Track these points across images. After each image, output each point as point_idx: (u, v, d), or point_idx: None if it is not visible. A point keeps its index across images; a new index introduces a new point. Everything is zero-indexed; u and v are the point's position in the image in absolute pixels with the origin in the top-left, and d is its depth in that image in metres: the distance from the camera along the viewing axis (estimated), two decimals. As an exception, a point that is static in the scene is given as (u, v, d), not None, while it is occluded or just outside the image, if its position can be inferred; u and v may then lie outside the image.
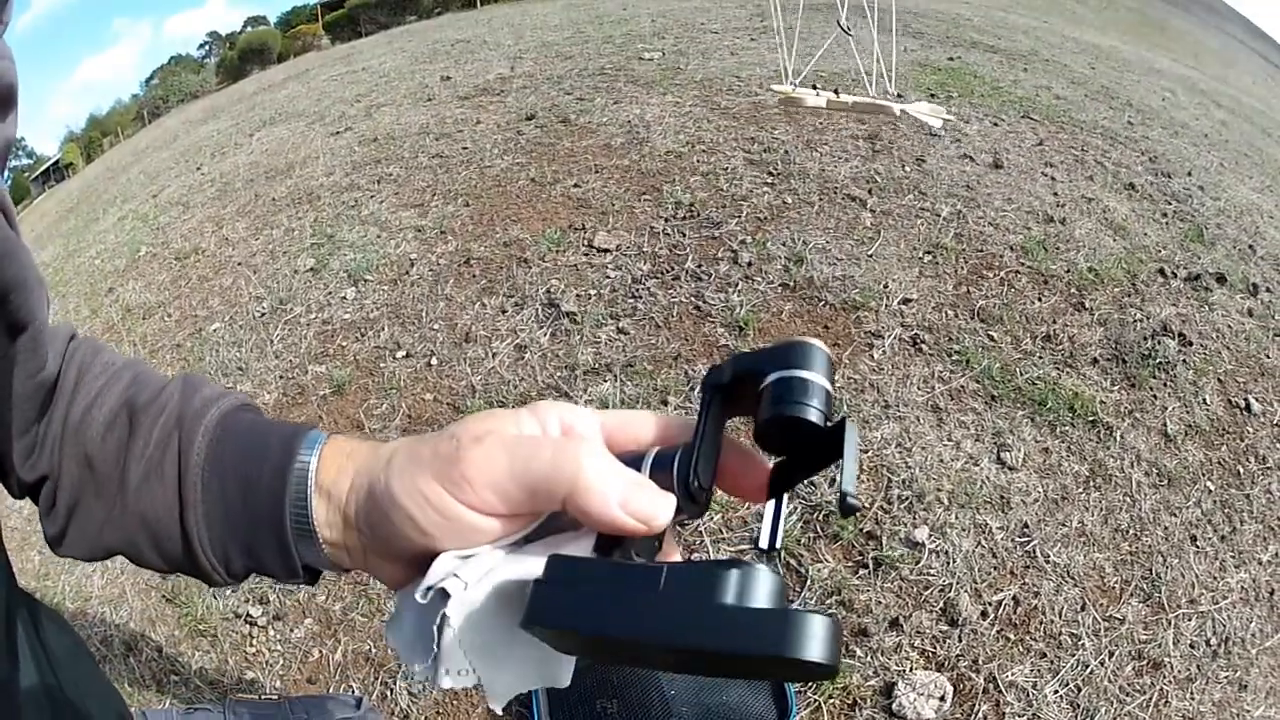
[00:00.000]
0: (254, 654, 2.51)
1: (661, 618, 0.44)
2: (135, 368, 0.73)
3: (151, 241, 5.99)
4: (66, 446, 0.67)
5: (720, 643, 0.42)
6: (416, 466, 0.54)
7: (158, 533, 0.63)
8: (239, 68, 39.74)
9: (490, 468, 0.52)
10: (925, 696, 2.15)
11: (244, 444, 0.64)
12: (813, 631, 0.41)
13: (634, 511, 0.49)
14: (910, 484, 2.71)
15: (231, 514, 0.62)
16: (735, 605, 0.43)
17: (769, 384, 0.50)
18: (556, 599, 0.49)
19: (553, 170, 5.03)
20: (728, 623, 0.42)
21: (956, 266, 3.82)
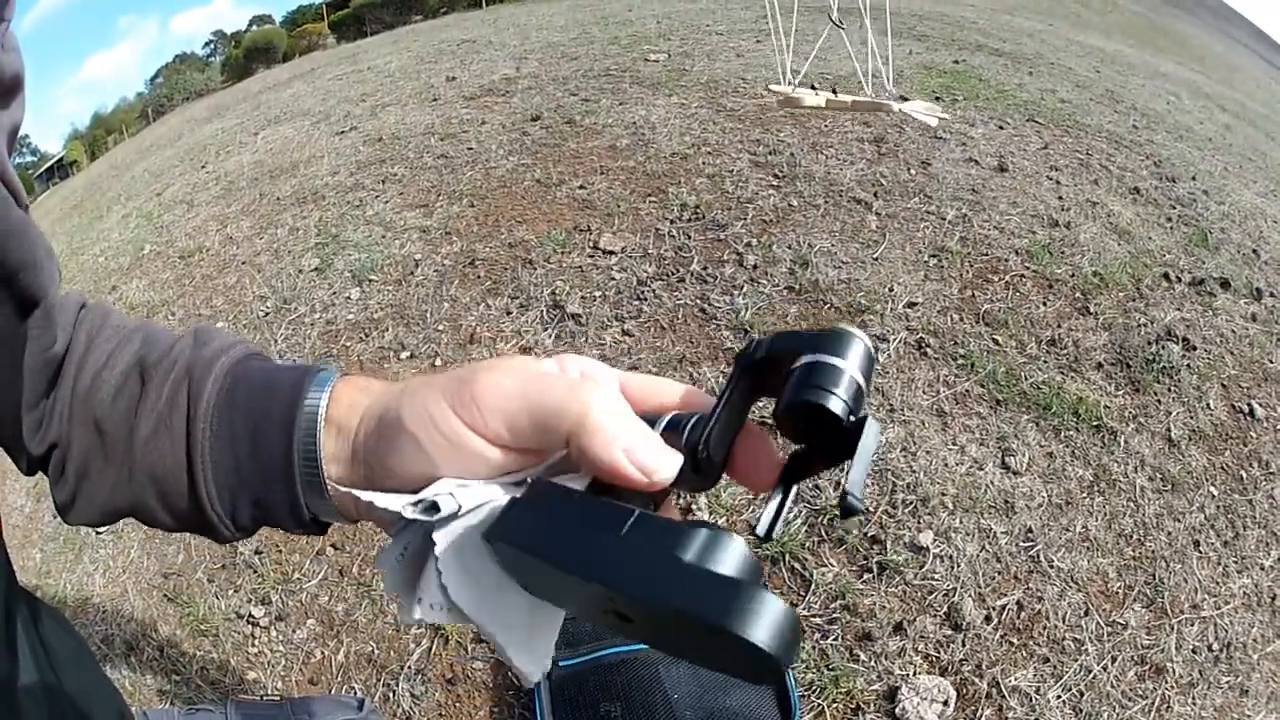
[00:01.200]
0: (256, 654, 2.51)
1: (613, 555, 0.43)
2: (146, 329, 0.72)
3: (155, 240, 5.99)
4: (76, 413, 0.67)
5: (659, 593, 0.40)
6: (428, 389, 0.53)
7: (165, 487, 0.63)
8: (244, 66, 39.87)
9: (500, 393, 0.51)
10: (928, 701, 2.15)
11: (253, 390, 0.63)
12: (765, 611, 0.38)
13: (636, 460, 0.48)
14: (915, 488, 2.71)
15: (240, 461, 0.61)
16: (692, 562, 0.41)
17: (799, 366, 0.48)
18: (522, 519, 0.48)
19: (558, 171, 5.03)
20: (676, 576, 0.41)
21: (961, 270, 3.82)
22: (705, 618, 0.38)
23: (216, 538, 0.65)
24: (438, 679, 2.33)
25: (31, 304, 0.64)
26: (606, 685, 2.09)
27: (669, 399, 0.55)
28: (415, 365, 3.48)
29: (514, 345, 3.47)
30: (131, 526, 3.10)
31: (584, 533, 0.45)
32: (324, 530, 0.65)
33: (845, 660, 2.26)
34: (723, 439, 0.51)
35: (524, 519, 0.48)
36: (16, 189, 0.62)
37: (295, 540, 2.82)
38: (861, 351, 0.48)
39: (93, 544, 3.08)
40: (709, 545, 0.41)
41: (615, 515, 0.45)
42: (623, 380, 0.56)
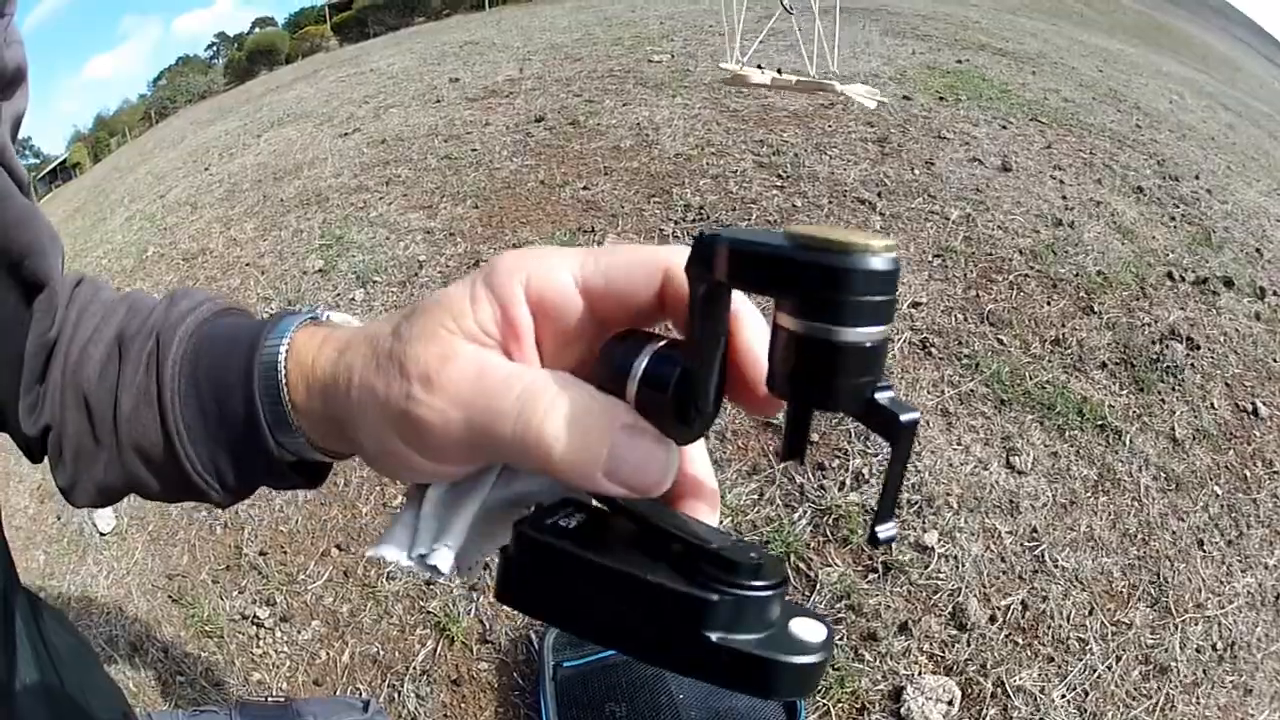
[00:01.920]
0: (261, 655, 2.52)
1: (637, 634, 0.40)
2: (131, 299, 0.71)
3: (159, 242, 6.00)
4: (67, 391, 0.66)
5: (698, 674, 0.38)
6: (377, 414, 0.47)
7: (152, 459, 0.62)
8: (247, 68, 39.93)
9: (447, 433, 0.44)
10: (933, 700, 2.15)
11: (216, 347, 0.61)
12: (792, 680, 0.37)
13: (623, 479, 0.41)
14: (920, 488, 2.71)
15: (210, 422, 0.59)
16: (720, 642, 0.37)
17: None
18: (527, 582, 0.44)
19: (562, 172, 5.03)
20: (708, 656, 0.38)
21: (965, 270, 3.81)
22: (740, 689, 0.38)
23: (213, 503, 0.64)
24: (443, 680, 2.33)
25: (36, 289, 0.64)
26: (611, 685, 2.09)
27: (644, 288, 0.44)
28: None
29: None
30: (136, 527, 3.11)
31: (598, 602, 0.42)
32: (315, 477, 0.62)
33: (850, 660, 2.26)
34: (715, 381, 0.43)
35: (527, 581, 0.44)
36: (20, 176, 0.62)
37: (300, 541, 2.82)
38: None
39: (97, 545, 3.08)
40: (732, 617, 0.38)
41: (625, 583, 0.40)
42: (581, 278, 0.44)
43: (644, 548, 0.42)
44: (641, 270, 0.44)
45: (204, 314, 0.64)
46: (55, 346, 0.67)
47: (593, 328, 0.45)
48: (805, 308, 0.36)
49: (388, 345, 0.47)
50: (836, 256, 0.34)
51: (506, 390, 0.43)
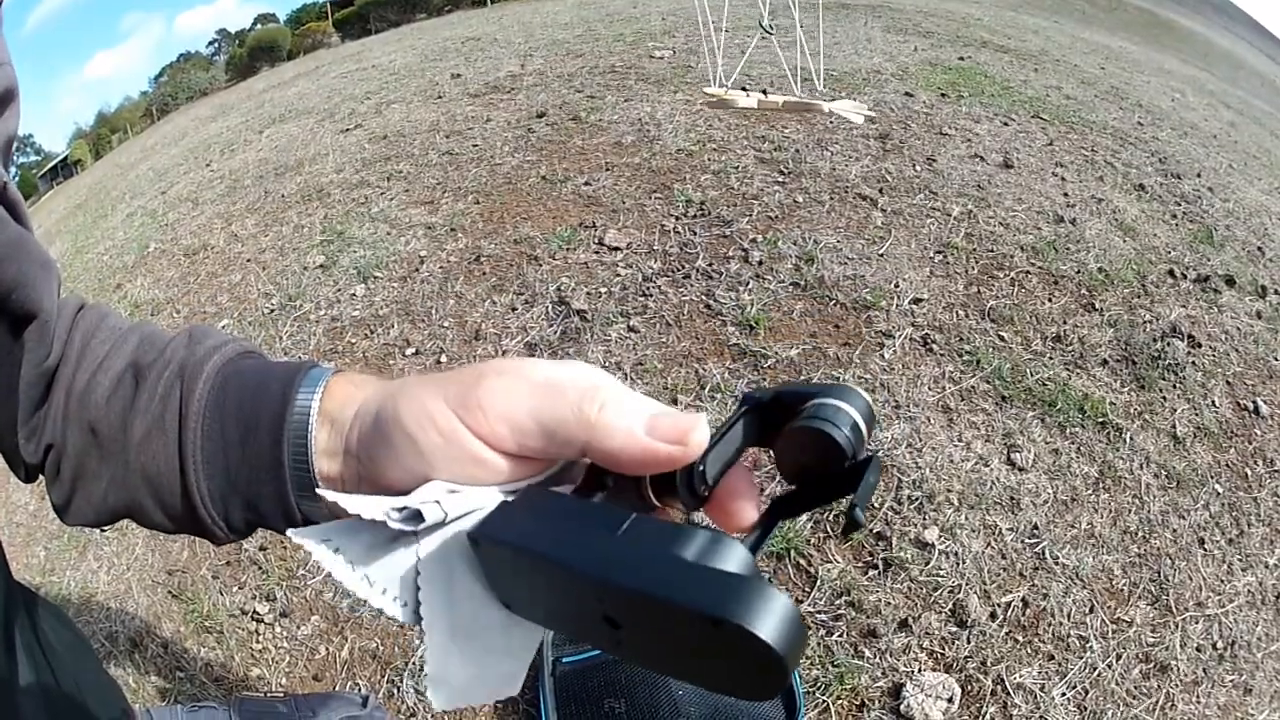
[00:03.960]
0: (260, 651, 2.52)
1: (608, 551, 0.42)
2: (142, 330, 0.71)
3: (160, 238, 6.00)
4: (71, 415, 0.66)
5: (656, 586, 0.39)
6: (429, 388, 0.51)
7: (159, 487, 0.62)
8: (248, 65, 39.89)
9: (509, 399, 0.49)
10: (933, 698, 2.15)
11: (245, 389, 0.62)
12: (769, 605, 0.37)
13: (663, 433, 0.46)
14: (920, 484, 2.71)
15: (230, 461, 0.60)
16: (692, 560, 0.40)
17: (808, 405, 0.48)
18: (511, 519, 0.47)
19: (563, 168, 5.03)
20: (674, 571, 0.39)
21: (967, 266, 3.81)
22: (704, 609, 0.37)
23: (211, 539, 0.65)
24: (442, 675, 2.33)
25: (26, 320, 0.64)
26: (610, 681, 2.09)
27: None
28: (420, 362, 3.49)
29: (519, 342, 3.47)
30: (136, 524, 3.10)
31: (578, 531, 0.44)
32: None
33: (850, 657, 2.26)
34: (718, 464, 0.50)
35: (514, 519, 0.47)
36: (14, 203, 0.62)
37: (300, 537, 2.82)
38: (864, 403, 0.48)
39: (97, 541, 3.08)
40: (709, 545, 0.40)
41: (611, 516, 0.44)
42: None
43: None
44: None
45: (229, 353, 0.66)
46: (57, 372, 0.68)
47: None
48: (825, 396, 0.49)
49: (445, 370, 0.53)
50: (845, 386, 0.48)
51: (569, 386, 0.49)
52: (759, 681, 0.39)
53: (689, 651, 0.41)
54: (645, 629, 0.42)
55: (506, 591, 0.49)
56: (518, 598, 0.49)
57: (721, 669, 0.40)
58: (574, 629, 0.50)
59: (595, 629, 0.44)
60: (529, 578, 0.46)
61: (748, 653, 0.37)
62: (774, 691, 0.39)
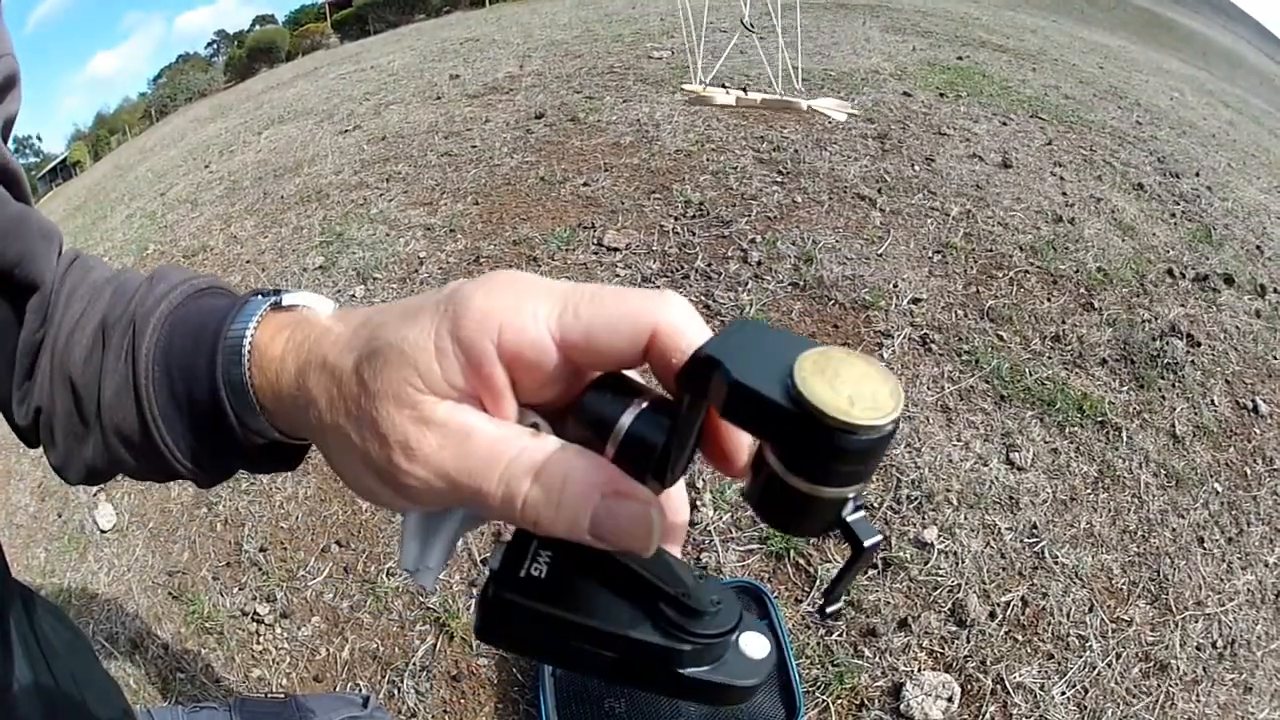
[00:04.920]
0: (261, 651, 2.52)
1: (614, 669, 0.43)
2: (116, 281, 0.70)
3: (159, 239, 6.01)
4: (55, 377, 0.66)
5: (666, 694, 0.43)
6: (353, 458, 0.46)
7: (132, 443, 0.62)
8: (247, 66, 39.90)
9: (431, 491, 0.44)
10: (933, 697, 2.15)
11: (187, 335, 0.60)
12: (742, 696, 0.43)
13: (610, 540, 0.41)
14: (919, 484, 2.71)
15: (182, 409, 0.59)
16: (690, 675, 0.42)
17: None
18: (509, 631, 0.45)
19: (562, 169, 5.03)
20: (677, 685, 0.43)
21: (966, 266, 3.81)
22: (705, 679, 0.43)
23: (198, 484, 0.64)
24: (442, 676, 2.33)
25: (28, 292, 0.64)
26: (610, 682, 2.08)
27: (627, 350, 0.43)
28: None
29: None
30: (136, 524, 3.11)
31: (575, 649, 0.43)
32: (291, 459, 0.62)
33: (850, 656, 2.26)
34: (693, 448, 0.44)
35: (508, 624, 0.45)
36: (16, 178, 0.62)
37: (300, 538, 2.82)
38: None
39: (97, 542, 3.08)
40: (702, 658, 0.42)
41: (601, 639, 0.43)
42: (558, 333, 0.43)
43: (614, 587, 0.43)
44: (627, 327, 0.42)
45: (176, 299, 0.64)
46: (44, 335, 0.67)
47: (569, 373, 0.44)
48: (791, 461, 0.37)
49: (353, 390, 0.46)
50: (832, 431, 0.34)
51: (492, 461, 0.42)
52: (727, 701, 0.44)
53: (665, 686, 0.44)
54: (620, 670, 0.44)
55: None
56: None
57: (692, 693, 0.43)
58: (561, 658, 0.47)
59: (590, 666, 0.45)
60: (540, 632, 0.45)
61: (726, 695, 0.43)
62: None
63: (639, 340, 0.42)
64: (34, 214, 0.63)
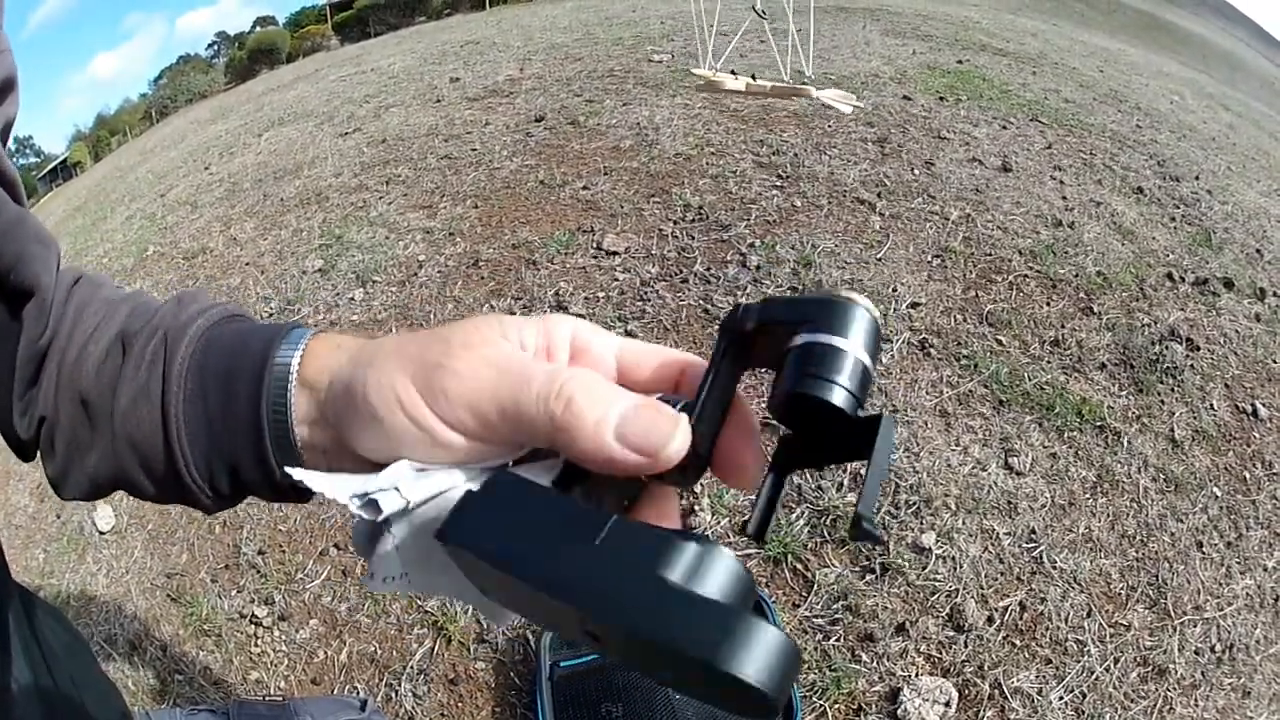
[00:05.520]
0: (259, 654, 2.52)
1: (584, 571, 0.38)
2: (134, 299, 0.70)
3: (159, 241, 6.01)
4: (63, 387, 0.66)
5: (635, 620, 0.36)
6: (398, 363, 0.50)
7: (145, 455, 0.62)
8: (248, 68, 39.91)
9: (473, 385, 0.47)
10: (930, 702, 2.15)
11: (225, 351, 0.61)
12: (759, 643, 0.34)
13: (633, 441, 0.43)
14: (918, 489, 2.71)
15: (213, 424, 0.60)
16: (677, 584, 0.36)
17: (796, 346, 0.43)
18: (479, 519, 0.43)
19: (562, 172, 5.03)
20: (655, 600, 0.36)
21: (965, 270, 3.81)
22: (688, 651, 0.34)
23: (198, 506, 0.64)
24: (440, 679, 2.33)
25: (24, 297, 0.64)
26: (607, 685, 2.09)
27: (666, 371, 0.51)
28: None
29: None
30: (135, 526, 3.11)
31: (551, 541, 0.40)
32: (305, 498, 0.61)
33: (847, 661, 2.26)
34: (710, 429, 0.46)
35: (481, 519, 0.43)
36: (12, 182, 0.62)
37: (298, 540, 2.82)
38: (867, 325, 0.43)
39: (96, 544, 3.08)
40: (695, 563, 0.37)
41: (587, 520, 0.40)
42: (618, 349, 0.53)
43: None
44: (669, 362, 0.52)
45: (214, 316, 0.65)
46: (50, 346, 0.67)
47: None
48: (816, 327, 0.43)
49: (426, 331, 0.51)
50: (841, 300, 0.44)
51: (536, 364, 0.48)
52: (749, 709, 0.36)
53: (677, 672, 0.38)
54: (629, 647, 0.39)
55: (482, 584, 0.46)
56: (495, 595, 0.47)
57: (713, 690, 0.37)
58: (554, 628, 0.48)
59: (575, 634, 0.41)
60: (502, 584, 0.43)
61: (735, 690, 0.34)
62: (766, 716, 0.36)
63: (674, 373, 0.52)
64: (31, 218, 0.63)
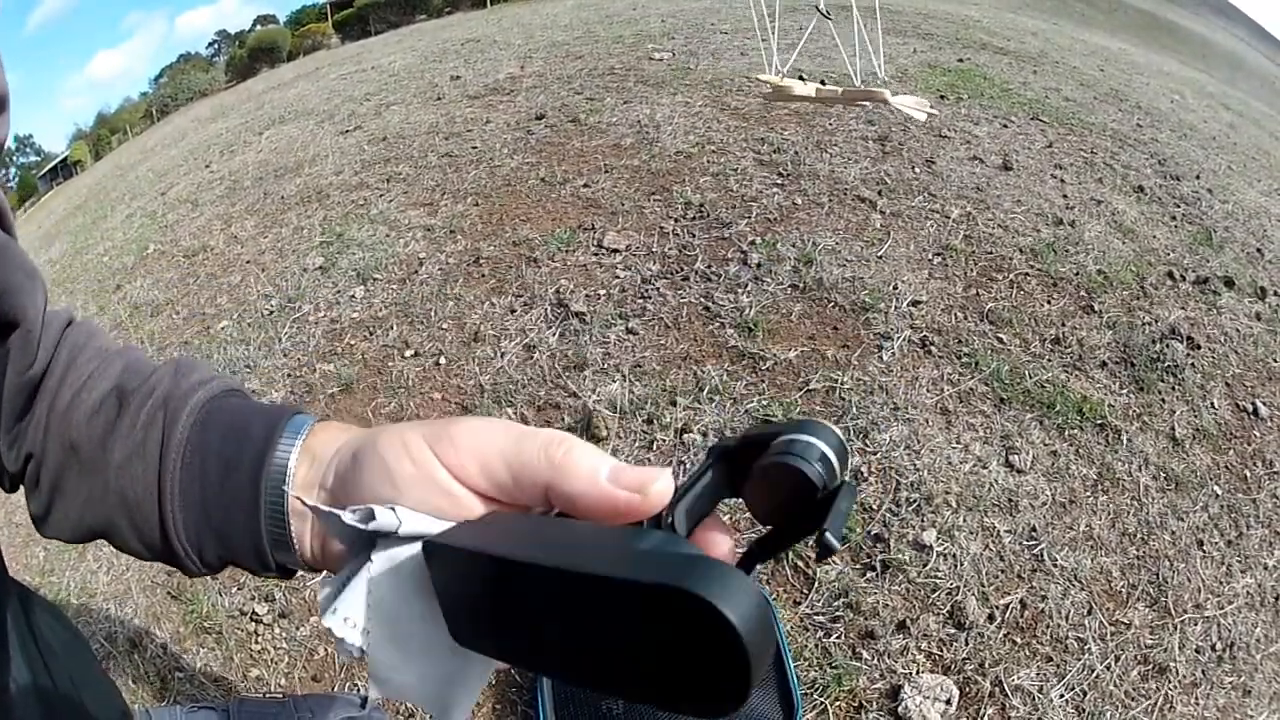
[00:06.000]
0: (259, 652, 2.51)
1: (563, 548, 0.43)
2: (128, 355, 0.72)
3: (160, 239, 6.01)
4: (52, 430, 0.66)
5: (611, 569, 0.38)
6: (410, 425, 0.53)
7: (136, 514, 0.63)
8: (248, 66, 39.87)
9: (482, 437, 0.50)
10: (931, 700, 2.15)
11: (227, 427, 0.63)
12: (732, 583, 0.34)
13: (625, 480, 0.47)
14: (918, 486, 2.70)
15: (208, 498, 0.61)
16: (650, 549, 0.40)
17: (775, 443, 0.47)
18: (469, 530, 0.48)
19: (562, 170, 5.03)
20: (631, 556, 0.40)
21: (966, 268, 3.81)
22: (659, 581, 0.35)
23: (184, 570, 0.65)
24: (441, 677, 2.32)
25: (9, 327, 0.64)
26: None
27: None
28: (419, 363, 3.48)
29: (518, 344, 3.46)
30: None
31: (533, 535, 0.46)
32: (289, 575, 0.64)
33: (848, 658, 2.26)
34: (691, 513, 0.49)
35: (472, 530, 0.48)
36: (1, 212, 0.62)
37: (299, 538, 2.82)
38: (835, 436, 0.47)
39: (96, 542, 3.08)
40: (666, 541, 0.42)
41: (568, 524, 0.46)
42: None
43: None
44: None
45: (214, 389, 0.66)
46: (41, 384, 0.68)
47: None
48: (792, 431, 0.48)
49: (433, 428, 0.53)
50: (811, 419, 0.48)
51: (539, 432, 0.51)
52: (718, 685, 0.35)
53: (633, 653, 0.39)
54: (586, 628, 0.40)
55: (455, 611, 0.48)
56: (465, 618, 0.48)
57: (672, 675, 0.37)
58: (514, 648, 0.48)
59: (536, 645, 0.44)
60: (479, 585, 0.45)
61: (705, 640, 0.34)
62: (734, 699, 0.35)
63: None
64: (17, 249, 0.63)
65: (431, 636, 0.50)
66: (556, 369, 3.31)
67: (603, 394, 3.12)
